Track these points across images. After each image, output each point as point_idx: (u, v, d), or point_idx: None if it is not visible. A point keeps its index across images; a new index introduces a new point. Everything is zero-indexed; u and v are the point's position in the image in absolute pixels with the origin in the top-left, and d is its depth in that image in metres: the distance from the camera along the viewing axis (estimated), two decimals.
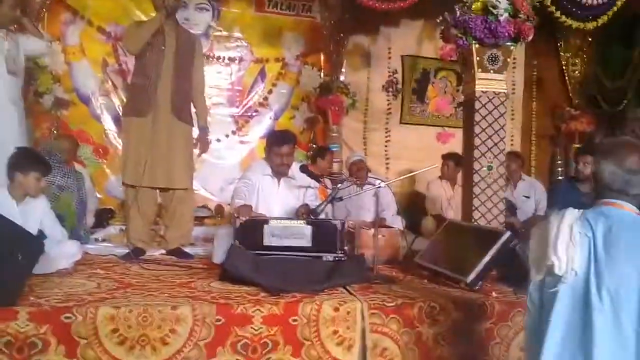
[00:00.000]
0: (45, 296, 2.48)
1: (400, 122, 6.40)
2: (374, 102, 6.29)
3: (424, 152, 6.05)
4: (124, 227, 4.58)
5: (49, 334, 2.23)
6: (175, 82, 3.76)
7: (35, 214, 3.19)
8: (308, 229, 3.17)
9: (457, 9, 3.52)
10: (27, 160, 3.15)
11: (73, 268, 3.14)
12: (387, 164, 6.28)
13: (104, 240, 4.58)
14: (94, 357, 2.27)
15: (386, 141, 6.31)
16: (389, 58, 6.32)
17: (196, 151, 3.99)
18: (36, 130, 5.18)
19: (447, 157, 5.42)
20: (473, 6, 3.47)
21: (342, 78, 6.09)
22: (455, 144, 5.75)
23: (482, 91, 3.61)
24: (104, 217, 5.02)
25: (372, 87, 6.29)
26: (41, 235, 3.01)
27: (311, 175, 3.66)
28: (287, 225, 3.18)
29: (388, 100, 6.32)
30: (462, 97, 6.28)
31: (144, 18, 4.40)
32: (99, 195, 5.29)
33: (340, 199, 3.42)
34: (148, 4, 5.10)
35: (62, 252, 3.10)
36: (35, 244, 2.50)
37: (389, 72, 6.31)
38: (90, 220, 4.79)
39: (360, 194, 4.26)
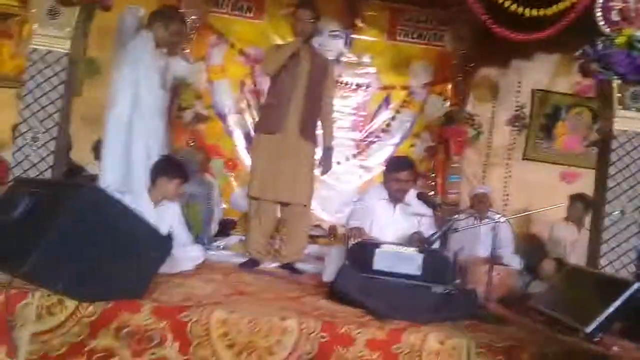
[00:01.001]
0: (168, 294, 2.68)
1: (523, 158, 6.15)
2: (498, 136, 6.10)
3: (546, 191, 5.73)
4: (243, 238, 4.86)
5: (167, 329, 2.38)
6: (305, 103, 3.93)
7: (167, 218, 3.47)
8: (419, 257, 3.14)
9: (599, 43, 3.34)
10: (172, 167, 3.47)
11: (195, 271, 3.37)
12: (505, 200, 6.03)
13: (224, 248, 4.86)
14: (204, 356, 2.39)
15: (506, 177, 6.08)
16: (518, 91, 6.11)
17: (317, 171, 4.13)
18: (175, 142, 5.65)
19: (576, 198, 5.11)
20: (616, 40, 3.27)
21: (467, 109, 5.99)
22: (581, 185, 5.41)
23: (622, 130, 3.37)
24: (227, 227, 5.32)
25: (496, 121, 6.10)
26: (170, 237, 3.28)
27: (428, 202, 3.63)
28: (398, 251, 3.18)
29: (512, 135, 6.10)
30: (596, 135, 5.98)
31: (281, 42, 4.67)
32: (224, 206, 5.62)
33: (456, 230, 3.35)
34: (286, 29, 5.45)
35: (187, 255, 3.34)
36: (165, 244, 2.72)
37: (517, 106, 6.10)
38: (214, 228, 5.10)
39: (477, 227, 4.15)
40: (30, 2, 3.07)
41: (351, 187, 6.03)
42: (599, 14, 3.38)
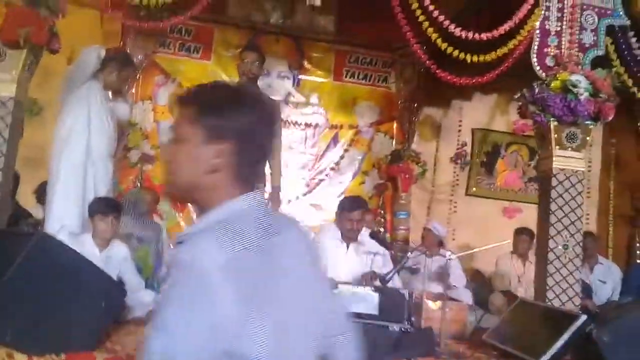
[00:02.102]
0: (121, 343, 2.59)
1: (466, 194, 6.38)
2: (442, 173, 6.32)
3: (490, 226, 5.97)
4: None
5: None
6: None
7: (115, 262, 3.37)
8: (375, 297, 3.17)
9: (535, 87, 3.55)
10: (105, 204, 3.39)
11: (147, 317, 3.26)
12: (452, 235, 6.18)
13: None
14: None
15: (451, 213, 6.26)
16: (459, 130, 6.38)
17: None
18: (122, 182, 5.52)
19: (521, 231, 5.29)
20: (552, 84, 3.49)
21: (413, 147, 6.17)
22: (523, 219, 5.66)
23: (560, 168, 3.56)
24: None
25: (440, 158, 6.33)
26: (122, 284, 3.18)
27: (381, 242, 3.69)
28: (355, 291, 3.20)
29: (455, 172, 6.34)
30: (534, 172, 6.28)
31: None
32: (172, 247, 5.49)
33: (410, 268, 3.41)
34: (233, 69, 5.46)
35: (138, 301, 3.24)
36: (117, 291, 2.64)
37: (459, 144, 6.35)
38: (163, 270, 4.97)
39: (428, 264, 4.23)
40: None
41: (303, 225, 6.02)
42: (534, 59, 3.61)
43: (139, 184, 5.62)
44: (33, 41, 2.99)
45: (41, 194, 4.37)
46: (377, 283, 3.39)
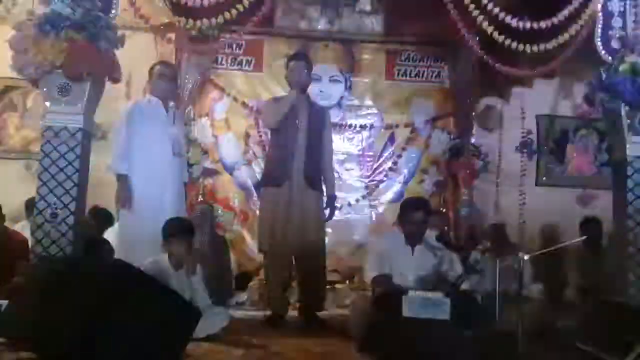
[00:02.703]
0: None
1: (537, 184, 6.15)
2: (507, 164, 6.11)
3: (564, 215, 5.74)
4: (261, 291, 4.82)
5: None
6: (307, 153, 3.99)
7: (188, 281, 3.46)
8: (447, 302, 3.09)
9: (602, 72, 3.38)
10: (179, 227, 3.46)
11: (221, 332, 3.32)
12: (521, 228, 5.98)
13: (244, 304, 4.82)
14: None
15: (520, 204, 6.06)
16: (523, 118, 6.14)
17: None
18: (186, 190, 5.66)
19: (588, 221, 5.06)
20: (620, 68, 3.32)
21: (472, 140, 6.02)
22: (600, 206, 5.41)
23: (636, 156, 3.38)
24: (243, 281, 5.28)
25: (504, 149, 6.13)
26: (196, 304, 3.24)
27: (448, 244, 3.60)
28: (426, 296, 3.13)
29: (522, 161, 6.10)
30: (606, 155, 5.97)
31: (283, 93, 4.74)
32: (236, 259, 5.57)
33: (481, 270, 3.32)
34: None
35: (212, 318, 3.29)
36: (193, 313, 2.70)
37: (523, 132, 6.13)
38: (231, 283, 5.06)
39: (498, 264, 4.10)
40: (41, 81, 3.11)
41: (364, 227, 6.02)
42: (599, 43, 3.43)
43: (201, 198, 5.75)
44: (95, 74, 3.11)
45: (99, 217, 4.57)
46: (448, 287, 3.30)
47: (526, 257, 3.11)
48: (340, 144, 5.99)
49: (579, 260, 5.05)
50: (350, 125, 6.10)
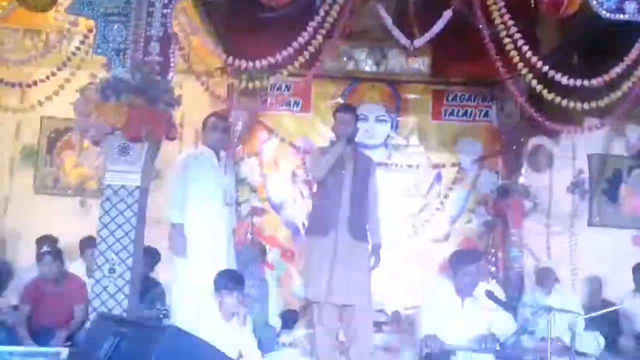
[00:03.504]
0: None
1: (589, 225, 6.00)
2: (558, 204, 6.00)
3: (618, 257, 5.58)
4: (309, 332, 4.86)
5: None
6: (352, 203, 4.03)
7: (239, 333, 3.54)
8: None
9: None
10: (229, 280, 3.56)
11: None
12: (573, 270, 5.84)
13: (290, 345, 4.86)
14: None
15: (572, 245, 5.91)
16: (574, 158, 6.04)
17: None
18: (235, 235, 5.79)
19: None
20: None
21: (521, 180, 5.94)
22: None
23: None
24: (289, 320, 5.33)
25: (555, 189, 6.02)
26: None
27: (497, 301, 3.56)
28: (475, 358, 3.12)
29: (574, 202, 5.98)
30: None
31: (329, 133, 4.82)
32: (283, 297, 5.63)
33: (531, 332, 3.27)
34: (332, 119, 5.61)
35: None
36: None
37: (574, 172, 6.00)
38: (276, 322, 5.11)
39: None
40: (101, 142, 3.28)
41: (411, 268, 5.99)
42: None
43: (250, 237, 5.88)
44: (153, 136, 3.27)
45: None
46: (497, 347, 3.27)
47: (579, 318, 3.06)
48: (387, 184, 6.01)
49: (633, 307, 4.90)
50: (397, 165, 6.12)
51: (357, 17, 5.41)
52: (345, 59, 5.94)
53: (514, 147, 5.90)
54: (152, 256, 4.81)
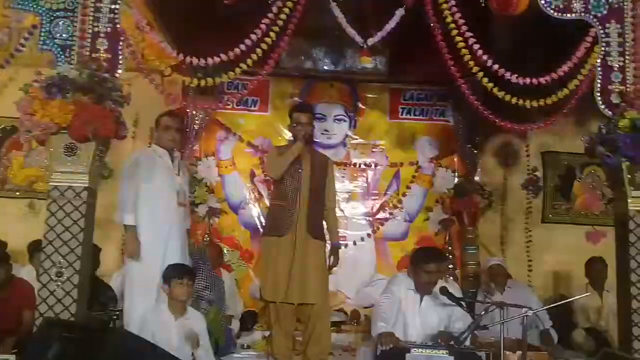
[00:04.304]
0: None
1: (542, 221, 6.14)
2: (512, 202, 6.13)
3: (572, 253, 5.75)
4: (266, 334, 4.81)
5: None
6: (310, 202, 4.03)
7: (189, 330, 3.46)
8: None
9: (602, 127, 3.40)
10: (179, 270, 3.53)
11: None
12: (529, 266, 5.96)
13: (249, 347, 4.80)
14: None
15: (527, 242, 6.04)
16: (527, 156, 6.16)
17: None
18: (192, 237, 5.69)
19: (594, 261, 5.08)
20: (620, 123, 3.33)
21: (477, 178, 6.03)
22: (609, 244, 5.38)
23: (637, 210, 3.37)
24: (248, 321, 5.27)
25: (509, 187, 6.14)
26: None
27: (452, 298, 3.58)
28: (429, 355, 3.13)
29: (528, 199, 6.10)
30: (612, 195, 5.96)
31: (287, 132, 4.79)
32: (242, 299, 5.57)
33: (485, 327, 3.31)
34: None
35: None
36: None
37: (528, 169, 6.13)
38: (235, 324, 5.05)
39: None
40: (47, 141, 3.17)
41: (369, 266, 6.03)
42: (598, 98, 3.46)
43: (207, 238, 5.79)
44: (101, 134, 3.17)
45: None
46: (452, 343, 3.29)
47: (530, 314, 3.11)
48: (346, 183, 6.04)
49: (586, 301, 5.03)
50: (355, 164, 6.13)
51: (315, 15, 5.42)
52: (303, 57, 5.92)
53: (470, 146, 5.97)
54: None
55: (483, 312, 3.36)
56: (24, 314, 3.99)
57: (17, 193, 5.85)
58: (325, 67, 5.94)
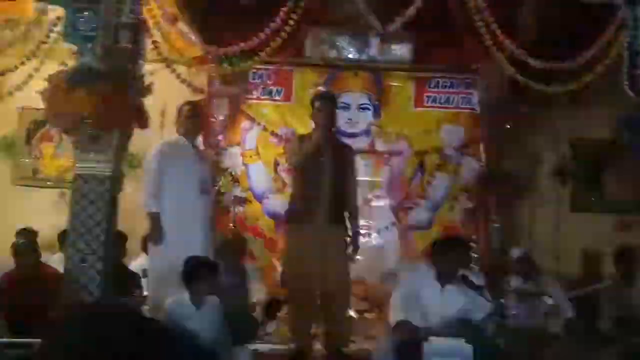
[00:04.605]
0: None
1: (572, 210, 6.02)
2: (541, 190, 6.01)
3: (601, 243, 5.62)
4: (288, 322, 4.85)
5: None
6: (331, 190, 4.03)
7: (209, 320, 3.52)
8: (469, 349, 3.06)
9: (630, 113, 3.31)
10: (203, 268, 3.53)
11: None
12: (556, 256, 5.85)
13: (272, 334, 4.84)
14: None
15: (555, 231, 5.92)
16: (556, 143, 6.03)
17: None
18: (217, 225, 5.76)
19: (621, 252, 4.93)
20: None
21: (504, 166, 5.93)
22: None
23: None
24: (272, 310, 5.31)
25: (538, 174, 6.03)
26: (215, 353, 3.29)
27: (472, 285, 3.56)
28: (447, 344, 3.11)
29: (557, 187, 5.98)
30: None
31: (310, 121, 4.79)
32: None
33: (505, 316, 3.28)
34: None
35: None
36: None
37: (557, 157, 6.00)
38: (259, 313, 5.09)
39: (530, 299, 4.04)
40: (71, 131, 3.25)
41: (394, 255, 6.01)
42: (626, 83, 3.36)
43: (233, 226, 5.84)
44: (123, 124, 3.23)
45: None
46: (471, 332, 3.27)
47: (550, 302, 3.07)
48: (370, 171, 6.02)
49: (614, 291, 4.91)
50: (380, 153, 6.10)
51: (339, 4, 5.40)
52: (327, 46, 5.91)
53: (496, 134, 5.87)
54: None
55: (502, 301, 3.32)
56: (50, 300, 4.10)
57: (49, 183, 5.99)
58: (350, 56, 5.92)
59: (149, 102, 3.76)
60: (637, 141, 3.28)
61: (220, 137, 5.91)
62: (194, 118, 4.07)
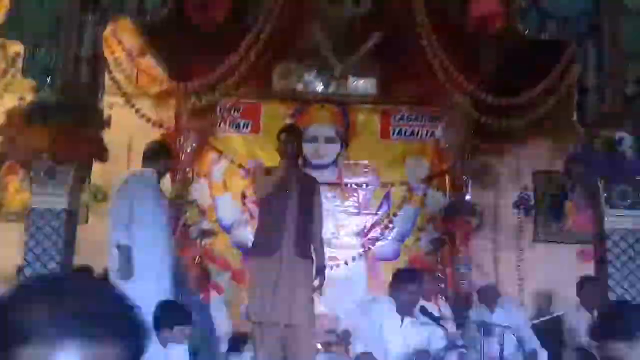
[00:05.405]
0: None
1: (534, 240, 6.13)
2: (504, 221, 6.12)
3: (563, 272, 5.70)
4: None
5: None
6: (297, 223, 4.04)
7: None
8: None
9: (577, 146, 3.41)
10: (170, 315, 3.39)
11: None
12: (519, 284, 5.93)
13: None
14: None
15: (518, 261, 6.01)
16: (519, 175, 6.17)
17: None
18: (182, 259, 5.71)
19: (585, 281, 5.01)
20: (595, 142, 3.34)
21: (469, 198, 6.04)
22: None
23: (613, 228, 3.36)
24: (238, 343, 5.25)
25: (501, 206, 6.14)
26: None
27: (432, 317, 3.58)
28: None
29: (519, 218, 6.09)
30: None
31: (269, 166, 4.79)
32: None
33: (464, 347, 3.30)
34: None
35: None
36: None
37: (520, 189, 6.13)
38: (223, 346, 5.03)
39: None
40: (28, 165, 3.23)
41: (361, 286, 6.01)
42: (575, 117, 3.48)
43: (199, 259, 5.80)
44: (80, 158, 3.23)
45: None
46: None
47: (507, 335, 3.10)
48: (337, 203, 6.07)
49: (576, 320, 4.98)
50: (346, 184, 6.16)
51: (305, 37, 5.52)
52: (294, 80, 6.01)
53: (460, 166, 5.99)
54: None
55: (460, 332, 3.35)
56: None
57: (11, 217, 5.90)
58: (317, 89, 6.02)
59: (115, 137, 3.78)
60: (586, 175, 3.37)
61: (187, 170, 5.91)
62: (158, 157, 4.02)
